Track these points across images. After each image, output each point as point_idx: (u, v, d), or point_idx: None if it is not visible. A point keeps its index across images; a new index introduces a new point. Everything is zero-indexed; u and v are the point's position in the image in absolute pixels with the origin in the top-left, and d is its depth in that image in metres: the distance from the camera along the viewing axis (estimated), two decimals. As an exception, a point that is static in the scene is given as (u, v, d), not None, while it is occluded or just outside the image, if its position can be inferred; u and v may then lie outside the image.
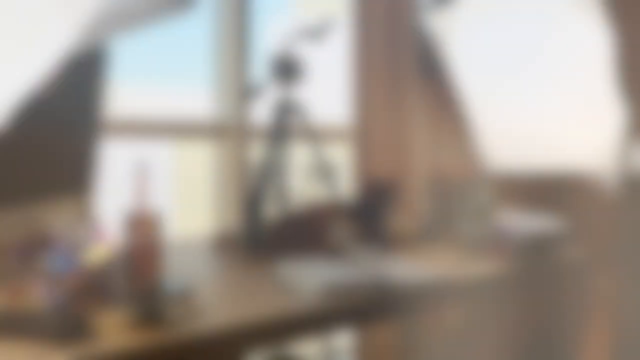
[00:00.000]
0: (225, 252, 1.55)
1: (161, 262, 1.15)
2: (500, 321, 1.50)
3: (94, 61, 1.24)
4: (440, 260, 1.47)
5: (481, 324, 1.61)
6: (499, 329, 1.57)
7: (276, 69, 1.76)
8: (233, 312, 1.01)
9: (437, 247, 1.64)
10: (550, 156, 1.75)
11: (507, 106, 1.78)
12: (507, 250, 1.46)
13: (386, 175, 2.17)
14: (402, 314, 1.14)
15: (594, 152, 1.66)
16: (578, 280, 1.47)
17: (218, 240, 1.65)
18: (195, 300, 1.07)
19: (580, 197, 2.17)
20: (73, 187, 1.30)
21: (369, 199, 1.58)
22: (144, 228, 1.12)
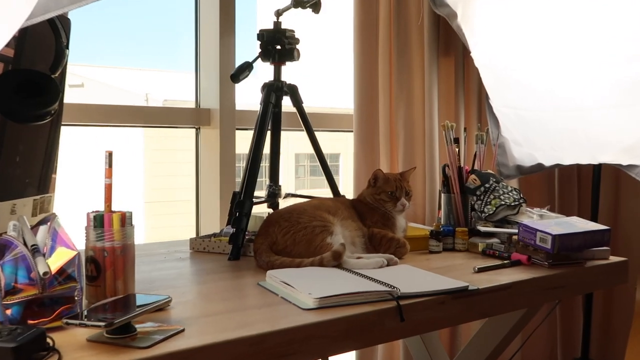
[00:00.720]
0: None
1: (132, 270, 1.17)
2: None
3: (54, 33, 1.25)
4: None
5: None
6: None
7: (266, 47, 1.77)
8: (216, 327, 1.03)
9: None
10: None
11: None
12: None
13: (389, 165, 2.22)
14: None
15: None
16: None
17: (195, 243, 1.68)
18: (170, 315, 1.09)
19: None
20: (30, 183, 1.32)
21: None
22: (111, 230, 1.14)
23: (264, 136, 1.75)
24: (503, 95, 2.17)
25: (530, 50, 2.14)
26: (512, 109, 2.18)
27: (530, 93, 2.16)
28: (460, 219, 1.87)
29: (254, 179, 1.69)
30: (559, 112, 2.14)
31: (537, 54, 2.12)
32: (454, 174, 1.89)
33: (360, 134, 2.26)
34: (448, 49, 2.33)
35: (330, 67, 3.81)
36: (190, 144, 2.21)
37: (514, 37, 2.15)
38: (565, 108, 2.14)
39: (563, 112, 2.13)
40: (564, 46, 2.06)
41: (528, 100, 2.16)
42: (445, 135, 1.90)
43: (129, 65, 3.29)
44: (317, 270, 1.37)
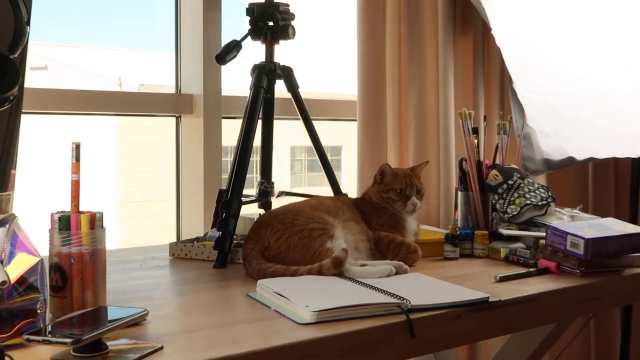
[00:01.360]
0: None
1: (103, 279, 1.17)
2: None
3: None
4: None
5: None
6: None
7: (257, 23, 1.77)
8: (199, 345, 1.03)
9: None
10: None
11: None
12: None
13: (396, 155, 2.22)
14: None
15: None
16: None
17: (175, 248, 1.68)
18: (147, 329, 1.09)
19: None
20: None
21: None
22: (79, 234, 1.14)
23: (254, 126, 1.75)
24: (529, 79, 2.17)
25: (560, 28, 2.14)
26: (539, 95, 2.18)
27: (560, 76, 2.16)
28: (479, 220, 1.87)
29: (243, 175, 1.69)
30: (593, 99, 2.14)
31: (568, 32, 2.12)
32: (473, 169, 1.89)
33: (365, 124, 2.26)
34: (465, 26, 2.33)
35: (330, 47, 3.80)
36: (170, 135, 2.21)
37: (541, 12, 2.15)
38: (600, 94, 2.14)
39: (597, 98, 2.14)
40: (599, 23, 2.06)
41: (557, 85, 2.16)
42: (463, 125, 1.90)
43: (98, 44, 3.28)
44: (315, 279, 1.37)
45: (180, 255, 1.70)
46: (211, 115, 2.10)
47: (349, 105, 2.38)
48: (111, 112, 2.14)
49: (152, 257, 1.71)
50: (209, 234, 1.75)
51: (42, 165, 2.59)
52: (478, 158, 1.90)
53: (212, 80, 2.10)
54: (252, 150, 1.75)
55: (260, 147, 1.92)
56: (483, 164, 1.90)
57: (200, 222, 2.08)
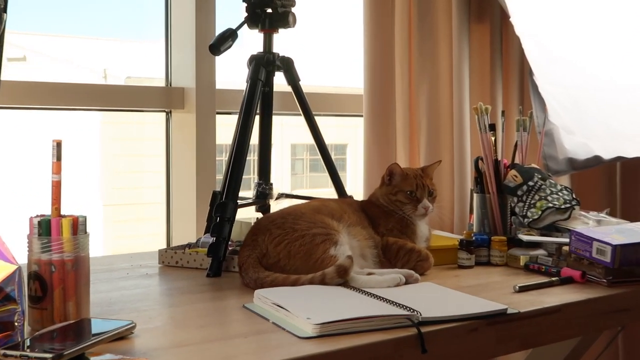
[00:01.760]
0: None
1: (86, 288, 1.17)
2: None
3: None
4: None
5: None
6: None
7: (254, 10, 1.77)
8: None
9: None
10: None
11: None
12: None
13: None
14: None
15: None
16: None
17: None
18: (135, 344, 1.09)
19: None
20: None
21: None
22: (60, 239, 1.14)
23: (251, 122, 1.75)
24: (551, 71, 2.17)
25: (586, 15, 2.14)
26: (562, 88, 2.17)
27: (586, 68, 2.15)
28: (497, 225, 1.87)
29: (239, 176, 1.69)
30: (621, 93, 2.14)
31: (594, 19, 2.12)
32: (490, 170, 1.88)
33: (372, 120, 2.26)
34: (482, 14, 2.33)
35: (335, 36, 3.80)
36: (159, 132, 2.21)
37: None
38: (629, 88, 2.13)
39: (626, 92, 2.13)
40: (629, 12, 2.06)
41: (583, 78, 2.16)
42: (478, 121, 1.90)
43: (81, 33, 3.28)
44: (317, 289, 1.37)
45: (170, 263, 1.70)
46: (204, 110, 2.10)
47: (354, 99, 2.38)
48: (95, 107, 2.15)
49: (140, 265, 1.71)
50: (201, 240, 1.75)
51: (20, 165, 2.59)
52: (495, 157, 1.90)
53: (205, 73, 2.11)
54: (249, 149, 1.75)
55: (258, 145, 1.92)
56: (501, 164, 1.90)
57: (192, 227, 2.08)
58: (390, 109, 2.27)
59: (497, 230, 1.87)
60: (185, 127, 2.12)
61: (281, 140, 3.56)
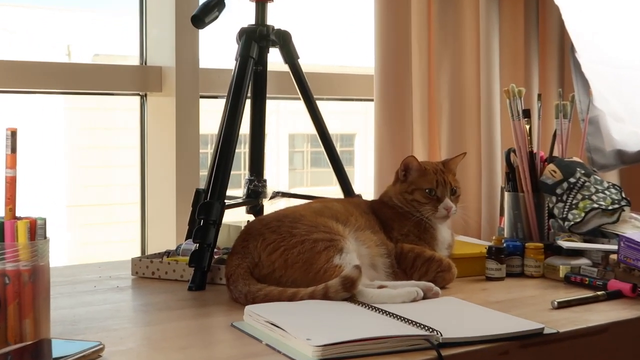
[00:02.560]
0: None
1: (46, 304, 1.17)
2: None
3: None
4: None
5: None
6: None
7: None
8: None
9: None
10: None
11: None
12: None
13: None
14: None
15: None
16: None
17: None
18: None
19: None
20: None
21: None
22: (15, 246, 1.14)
23: (241, 107, 1.75)
24: (597, 47, 2.17)
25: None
26: (610, 67, 2.17)
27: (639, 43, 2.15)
28: (532, 229, 1.87)
29: (226, 172, 1.69)
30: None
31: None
32: (524, 164, 1.88)
33: (384, 105, 2.26)
34: (515, -22, 2.33)
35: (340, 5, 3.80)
36: (132, 120, 2.21)
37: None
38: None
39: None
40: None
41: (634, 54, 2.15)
42: (511, 106, 1.90)
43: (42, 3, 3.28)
44: (319, 305, 1.37)
45: (145, 274, 1.71)
46: (186, 93, 2.11)
47: (363, 80, 2.38)
48: (58, 90, 2.15)
49: (109, 277, 1.71)
50: (182, 247, 1.76)
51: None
52: (530, 149, 1.90)
53: (186, 49, 2.11)
54: (239, 140, 1.76)
55: (249, 136, 1.92)
56: (537, 157, 1.90)
57: (171, 232, 2.09)
58: (405, 92, 2.27)
59: (533, 235, 1.87)
60: (164, 113, 2.13)
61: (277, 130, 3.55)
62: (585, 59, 2.18)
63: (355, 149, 3.66)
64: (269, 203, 1.89)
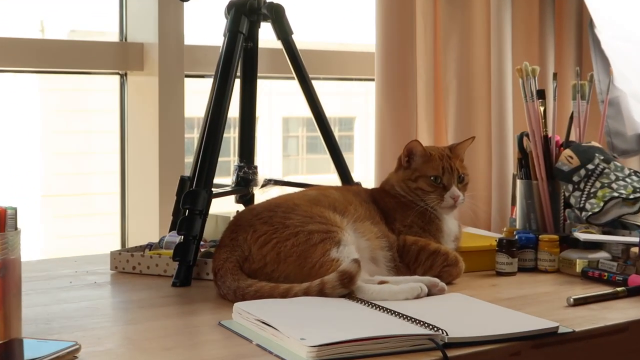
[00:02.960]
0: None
1: (17, 301, 1.17)
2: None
3: None
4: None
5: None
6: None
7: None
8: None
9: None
10: None
11: None
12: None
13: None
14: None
15: None
16: None
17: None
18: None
19: None
20: None
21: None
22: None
23: (230, 88, 1.75)
24: (618, 21, 2.17)
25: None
26: (632, 44, 2.17)
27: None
28: (546, 220, 1.87)
29: (214, 158, 1.69)
30: None
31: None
32: (537, 149, 1.88)
33: (386, 85, 2.26)
34: (528, -53, 2.32)
35: (338, -22, 3.80)
36: (112, 101, 2.21)
37: None
38: None
39: None
40: None
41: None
42: (524, 86, 1.90)
43: (13, -26, 3.28)
44: (314, 302, 1.37)
45: (126, 269, 1.71)
46: (169, 72, 2.10)
47: (364, 58, 2.38)
48: (30, 69, 2.14)
49: (87, 272, 1.71)
50: (165, 239, 1.76)
51: None
52: (545, 133, 1.90)
53: (170, 24, 2.10)
54: (228, 123, 1.75)
55: (239, 119, 1.92)
56: (552, 141, 1.90)
57: (153, 223, 2.09)
58: (409, 71, 2.27)
59: (547, 227, 1.87)
60: (145, 94, 2.12)
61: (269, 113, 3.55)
62: (605, 35, 2.17)
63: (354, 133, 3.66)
64: (260, 192, 1.89)
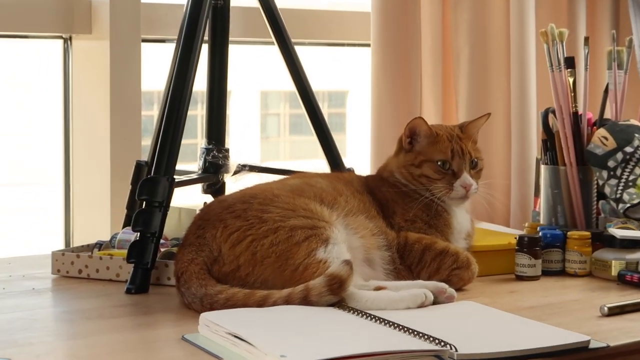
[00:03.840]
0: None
1: None
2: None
3: None
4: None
5: None
6: None
7: None
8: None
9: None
10: None
11: None
12: None
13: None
14: None
15: None
16: None
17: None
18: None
19: None
20: None
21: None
22: None
23: (196, 55, 1.74)
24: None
25: None
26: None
27: None
28: (576, 214, 1.88)
29: (176, 139, 1.69)
30: None
31: None
32: (566, 129, 1.89)
33: (384, 52, 2.25)
34: None
35: None
36: (54, 70, 2.20)
37: None
38: None
39: None
40: None
41: None
42: (549, 53, 1.90)
43: None
44: (297, 312, 1.37)
45: (70, 273, 1.70)
46: (123, 36, 2.10)
47: (358, 20, 2.38)
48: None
49: (22, 276, 1.71)
50: (118, 237, 1.76)
51: None
52: (575, 108, 1.90)
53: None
54: (193, 98, 1.75)
55: (207, 92, 1.92)
56: (583, 119, 1.90)
57: (104, 218, 2.09)
58: (412, 35, 2.27)
59: (577, 221, 1.88)
60: (94, 62, 2.12)
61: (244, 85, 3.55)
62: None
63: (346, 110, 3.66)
64: (232, 179, 1.89)
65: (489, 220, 2.04)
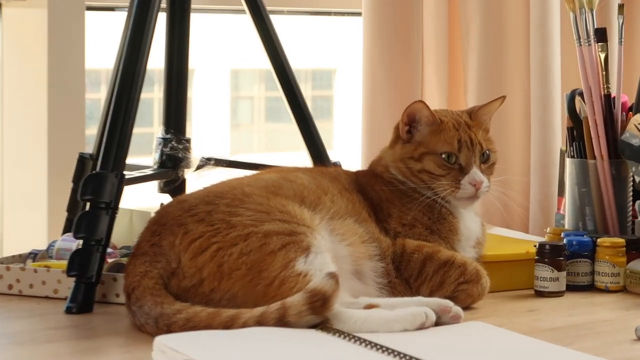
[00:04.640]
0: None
1: None
2: None
3: None
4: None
5: None
6: None
7: None
8: None
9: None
10: None
11: None
12: None
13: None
14: None
15: None
16: None
17: None
18: None
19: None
20: None
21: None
22: None
23: (151, 26, 1.74)
24: None
25: None
26: None
27: None
28: (608, 217, 1.88)
29: (126, 128, 1.69)
30: None
31: None
32: (596, 114, 1.89)
33: (377, 24, 2.26)
34: None
35: None
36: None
37: None
38: None
39: None
40: None
41: None
42: (576, 24, 1.90)
43: None
44: (272, 335, 1.37)
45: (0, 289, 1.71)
46: (63, 3, 2.10)
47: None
48: None
49: None
50: (57, 246, 1.77)
51: None
52: (607, 91, 1.90)
53: None
54: (148, 78, 1.76)
55: (165, 71, 1.93)
56: (616, 103, 1.91)
57: (39, 223, 2.10)
58: (411, 3, 2.27)
59: (609, 226, 1.88)
60: (29, 34, 2.12)
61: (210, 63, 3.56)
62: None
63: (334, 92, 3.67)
64: (194, 175, 1.89)
65: (504, 225, 2.05)
